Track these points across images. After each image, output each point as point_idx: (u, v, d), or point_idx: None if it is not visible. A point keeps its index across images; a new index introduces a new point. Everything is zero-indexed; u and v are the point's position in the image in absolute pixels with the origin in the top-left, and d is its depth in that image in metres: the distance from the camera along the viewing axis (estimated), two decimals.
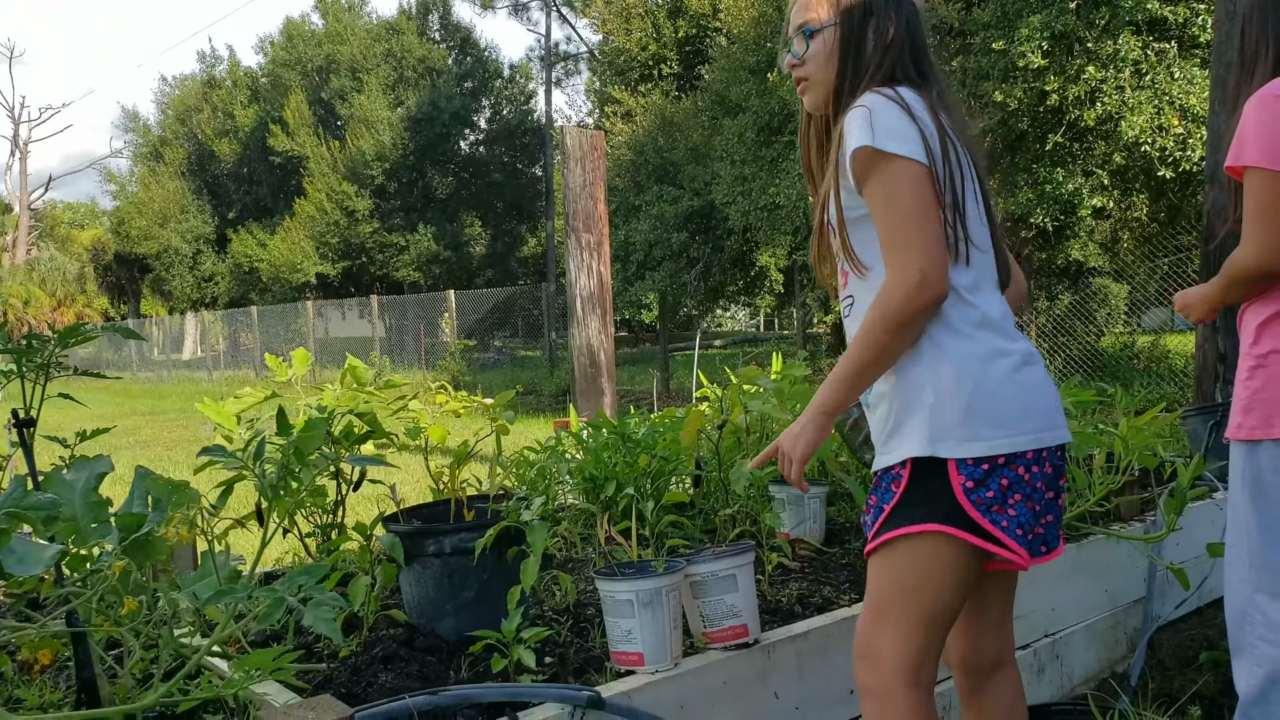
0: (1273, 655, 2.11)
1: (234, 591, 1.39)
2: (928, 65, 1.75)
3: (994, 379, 1.62)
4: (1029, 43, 8.97)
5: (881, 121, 1.59)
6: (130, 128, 39.00)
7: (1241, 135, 2.04)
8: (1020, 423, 1.61)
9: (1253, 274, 2.06)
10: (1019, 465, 1.60)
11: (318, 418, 2.50)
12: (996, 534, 1.59)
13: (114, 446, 11.01)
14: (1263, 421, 2.09)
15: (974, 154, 1.74)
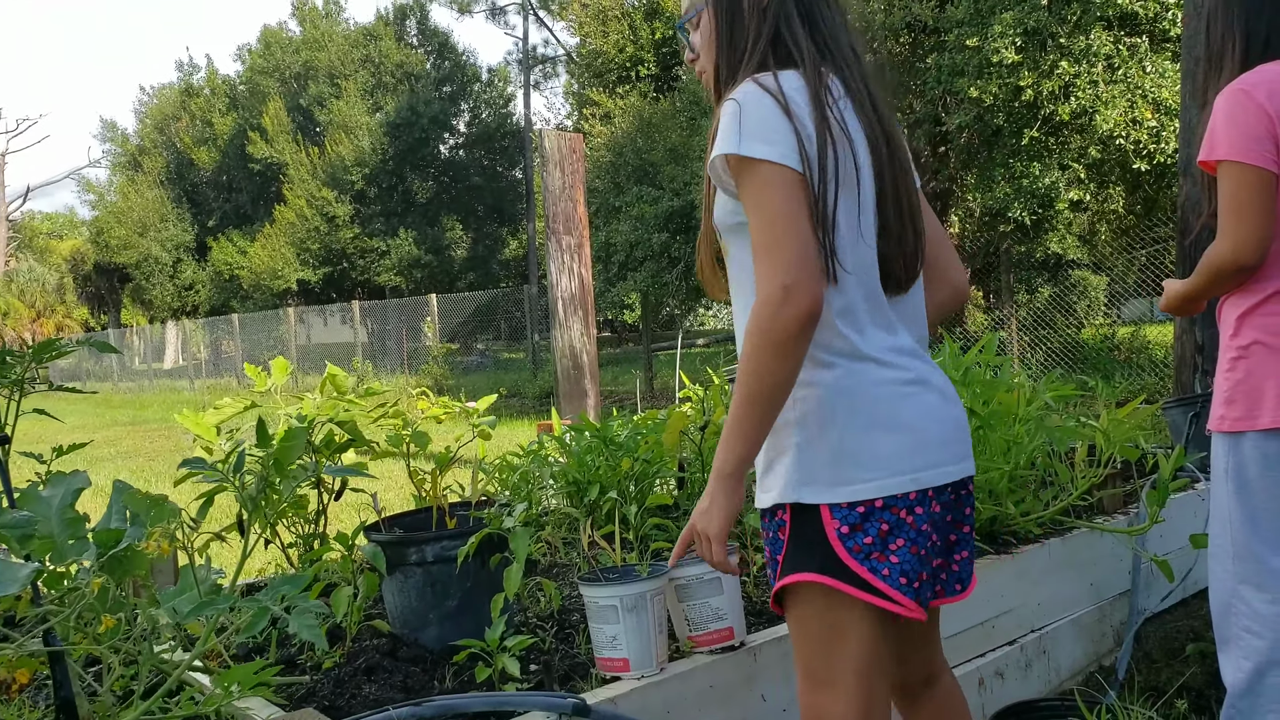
0: (1259, 646, 2.12)
1: (215, 604, 1.38)
2: (829, 41, 1.52)
3: (865, 414, 1.45)
4: (1002, 39, 9.01)
5: (751, 119, 1.42)
6: (109, 137, 38.78)
7: (1213, 130, 2.05)
8: (897, 461, 1.44)
9: (1229, 268, 2.06)
10: (899, 508, 1.44)
11: (298, 427, 2.49)
12: (876, 584, 1.43)
13: (95, 458, 10.93)
14: (1245, 413, 2.09)
15: (887, 146, 1.51)
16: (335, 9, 34.97)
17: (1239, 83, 2.05)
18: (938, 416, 1.50)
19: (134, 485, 1.78)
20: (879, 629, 1.48)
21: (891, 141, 1.51)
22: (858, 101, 1.49)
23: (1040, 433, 3.04)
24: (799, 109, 1.43)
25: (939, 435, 1.49)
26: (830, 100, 1.45)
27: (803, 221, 1.39)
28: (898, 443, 1.45)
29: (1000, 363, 3.20)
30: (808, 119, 1.42)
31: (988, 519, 2.92)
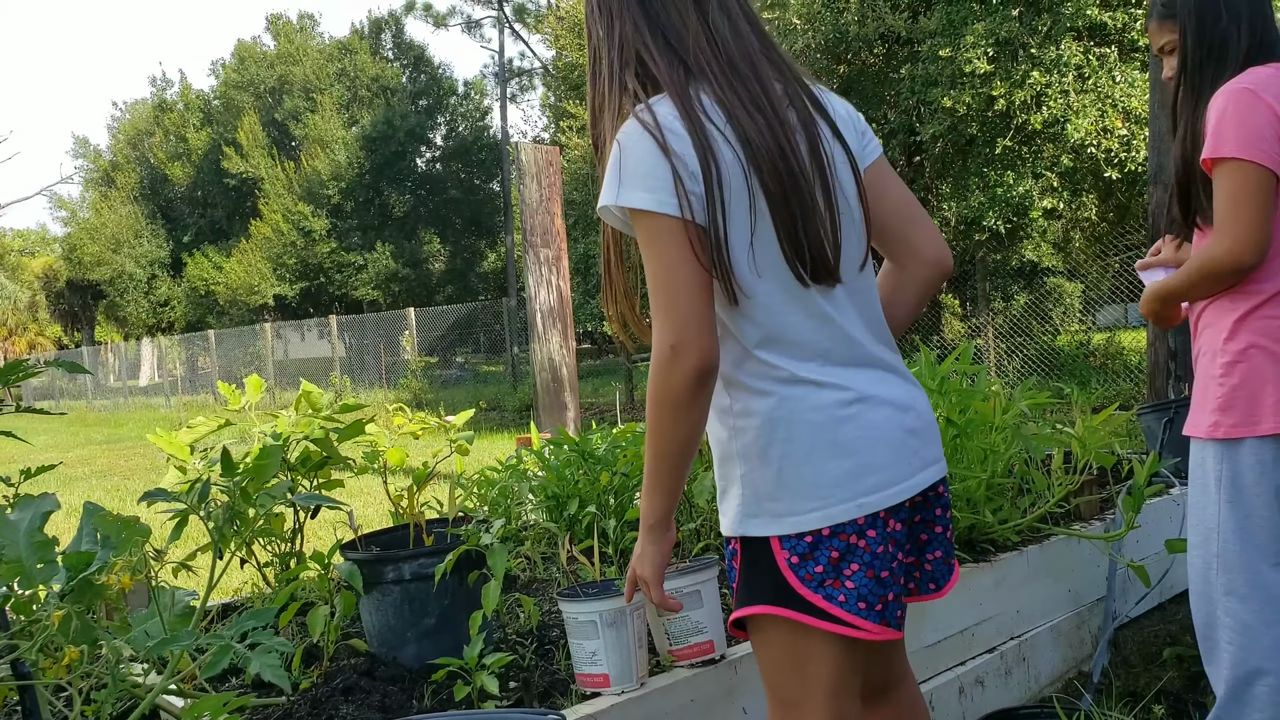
0: (1243, 657, 2.12)
1: (179, 639, 1.36)
2: (693, 50, 1.42)
3: (803, 442, 1.41)
4: (975, 49, 9.09)
5: (629, 163, 1.37)
6: (81, 153, 38.51)
7: (1220, 126, 2.00)
8: (840, 489, 1.40)
9: (1226, 268, 2.01)
10: (848, 534, 1.40)
11: (273, 446, 2.47)
12: (833, 611, 1.39)
13: (70, 478, 10.81)
14: (1244, 419, 2.05)
15: (777, 144, 1.40)
16: (310, 23, 34.91)
17: (1245, 82, 2.02)
18: (884, 435, 1.44)
19: (109, 505, 1.77)
20: (845, 650, 1.45)
21: (781, 141, 1.40)
22: (733, 113, 1.39)
23: (1017, 441, 3.06)
24: (677, 141, 1.37)
25: (887, 455, 1.43)
26: (706, 120, 1.38)
27: (688, 274, 1.35)
28: (840, 469, 1.40)
29: (976, 371, 3.22)
30: (689, 150, 1.36)
31: (966, 527, 2.93)
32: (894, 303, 1.62)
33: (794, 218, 1.40)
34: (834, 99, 1.55)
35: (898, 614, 1.45)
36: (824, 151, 1.43)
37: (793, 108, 1.44)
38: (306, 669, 2.36)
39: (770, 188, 1.38)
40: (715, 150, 1.36)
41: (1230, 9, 2.13)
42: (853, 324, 1.48)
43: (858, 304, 1.50)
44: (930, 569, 1.57)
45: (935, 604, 2.61)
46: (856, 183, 1.48)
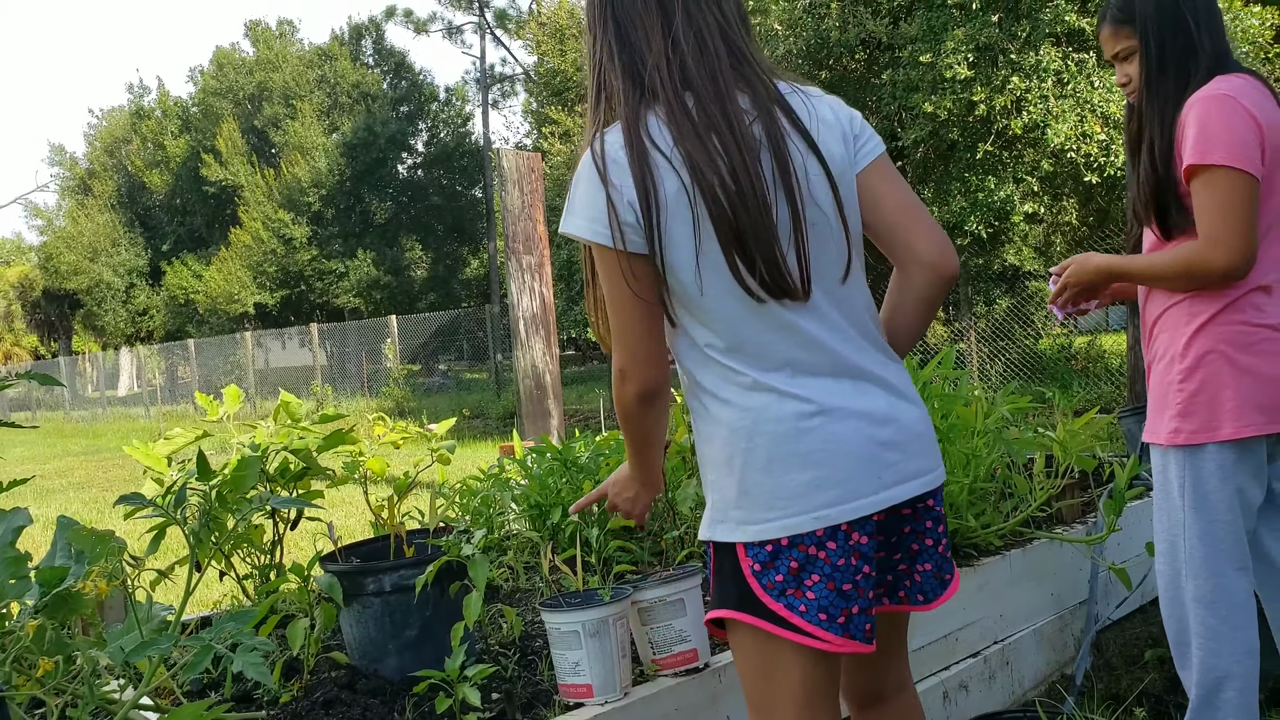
0: (1212, 663, 2.13)
1: (157, 643, 1.34)
2: (651, 73, 1.44)
3: (762, 453, 1.42)
4: (955, 55, 9.14)
5: (575, 193, 1.45)
6: (57, 161, 38.22)
7: (1205, 133, 1.99)
8: (798, 500, 1.41)
9: (1215, 274, 2.01)
10: (807, 545, 1.41)
11: (251, 457, 2.44)
12: (794, 620, 1.40)
13: (47, 490, 10.70)
14: (1204, 425, 2.07)
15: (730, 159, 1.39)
16: (289, 29, 34.78)
17: (1222, 89, 2.02)
18: (849, 448, 1.43)
19: (87, 517, 1.74)
20: (814, 660, 1.44)
21: (737, 163, 1.39)
22: (681, 136, 1.40)
23: (999, 445, 3.06)
24: (617, 172, 1.41)
25: (850, 469, 1.42)
26: (654, 152, 1.40)
27: (628, 303, 1.42)
28: (799, 481, 1.41)
29: (958, 375, 3.22)
30: (627, 180, 1.40)
31: (949, 532, 2.93)
32: (895, 310, 1.60)
33: (741, 238, 1.39)
34: (823, 105, 1.52)
35: (865, 627, 1.44)
36: (792, 166, 1.42)
37: (759, 123, 1.42)
38: (287, 682, 2.33)
39: (714, 210, 1.38)
40: (655, 177, 1.38)
41: (1194, 15, 2.14)
42: (829, 334, 1.46)
43: (839, 314, 1.48)
44: (920, 580, 1.56)
45: None
46: (834, 193, 1.45)
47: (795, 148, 1.44)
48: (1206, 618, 2.13)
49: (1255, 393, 2.05)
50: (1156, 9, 2.15)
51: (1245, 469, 2.09)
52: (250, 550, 2.68)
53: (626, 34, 1.46)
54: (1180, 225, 2.10)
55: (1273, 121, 2.03)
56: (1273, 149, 2.02)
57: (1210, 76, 2.08)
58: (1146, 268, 2.16)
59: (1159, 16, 2.15)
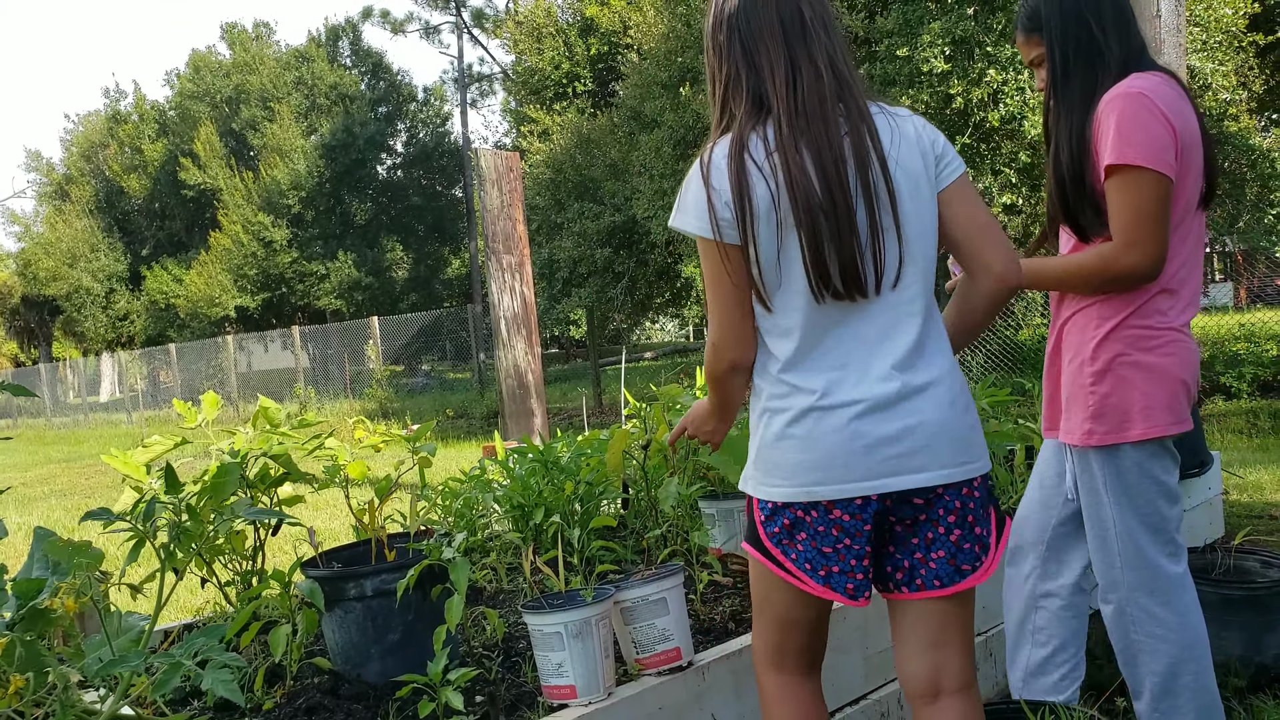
0: (1165, 650, 2.17)
1: (126, 660, 1.33)
2: (771, 95, 1.67)
3: (773, 433, 1.71)
4: (931, 48, 9.16)
5: (684, 194, 1.69)
6: (33, 167, 37.86)
7: (1120, 133, 2.00)
8: (790, 476, 1.68)
9: (1132, 277, 2.06)
10: (797, 510, 1.69)
11: (230, 463, 2.43)
12: (784, 562, 1.71)
13: (29, 498, 10.62)
14: (1115, 426, 2.13)
15: (821, 173, 1.61)
16: (265, 31, 34.55)
17: (1135, 88, 2.03)
18: (841, 439, 1.64)
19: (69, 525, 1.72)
20: (798, 597, 1.74)
21: (829, 173, 1.61)
22: (784, 150, 1.62)
23: None
24: (718, 177, 1.65)
25: (841, 457, 1.65)
26: (750, 164, 1.63)
27: (722, 288, 1.68)
28: (795, 460, 1.67)
29: None
30: (725, 184, 1.64)
31: None
32: (965, 311, 1.83)
33: (820, 239, 1.61)
34: (908, 124, 1.72)
35: (847, 586, 1.69)
36: (871, 178, 1.64)
37: (849, 139, 1.64)
38: (270, 689, 2.32)
39: (798, 215, 1.61)
40: (749, 183, 1.62)
41: (1095, 16, 2.15)
42: (869, 335, 1.68)
43: (885, 316, 1.68)
44: (935, 567, 1.70)
45: None
46: (893, 205, 1.65)
47: (875, 164, 1.65)
48: (1149, 606, 2.18)
49: (1162, 394, 2.10)
50: (1060, 16, 2.18)
51: (1161, 463, 2.16)
52: (232, 556, 2.67)
53: (752, 58, 1.68)
54: (1095, 227, 2.13)
55: (1185, 121, 2.05)
56: (1184, 149, 2.04)
57: (1122, 77, 2.09)
58: (1062, 271, 2.19)
59: (1062, 23, 2.18)
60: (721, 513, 3.03)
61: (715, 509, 3.02)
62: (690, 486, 2.91)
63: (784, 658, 1.82)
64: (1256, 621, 2.79)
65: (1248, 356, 9.21)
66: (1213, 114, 9.02)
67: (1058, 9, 2.19)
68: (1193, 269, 2.15)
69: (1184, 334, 2.13)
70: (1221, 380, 9.17)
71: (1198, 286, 2.17)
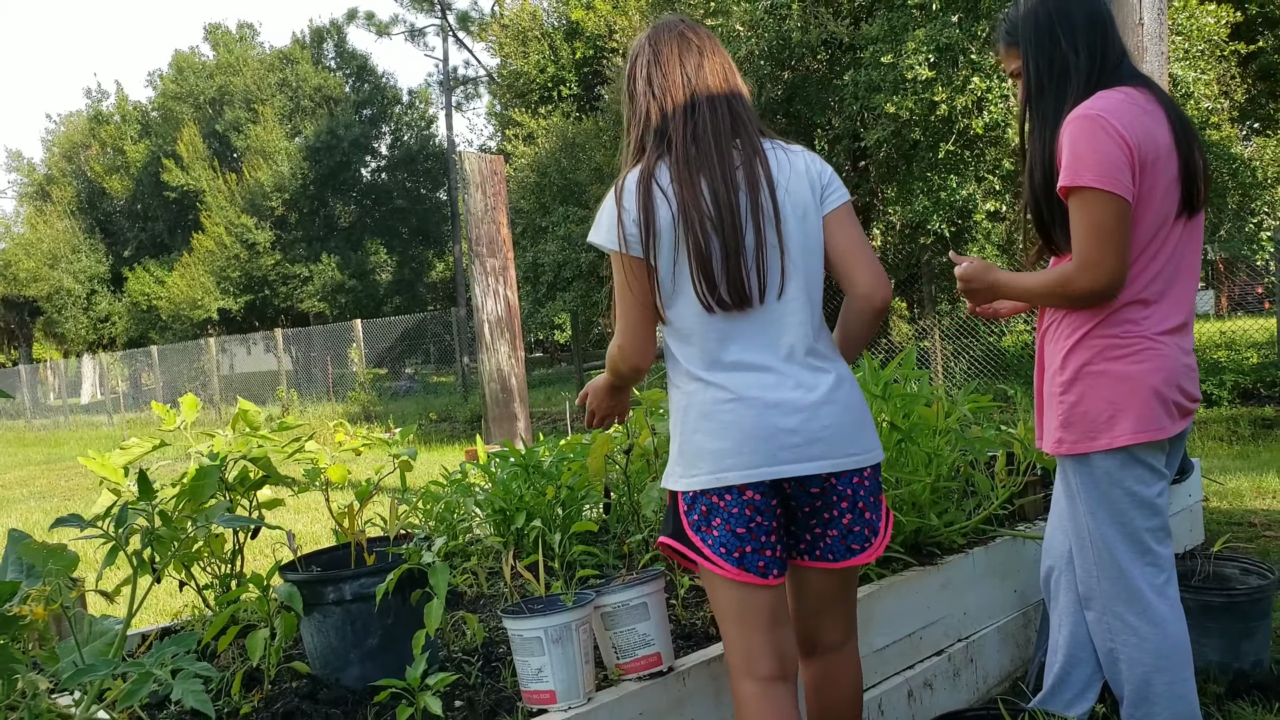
0: (1139, 657, 2.18)
1: (94, 669, 1.31)
2: (671, 133, 1.92)
3: (691, 425, 1.90)
4: (916, 55, 9.21)
5: (600, 215, 1.94)
6: (14, 167, 37.59)
7: (1075, 155, 2.02)
8: (706, 463, 1.87)
9: (1088, 296, 2.07)
10: (712, 495, 1.86)
11: (209, 466, 2.41)
12: (702, 548, 1.88)
13: (7, 499, 10.53)
14: (1083, 435, 2.14)
15: (714, 201, 1.84)
16: (249, 32, 34.42)
17: (1092, 109, 2.04)
18: (753, 430, 1.85)
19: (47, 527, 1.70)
20: (732, 587, 1.88)
21: (720, 198, 1.85)
22: (680, 180, 1.86)
23: (960, 444, 3.09)
24: (629, 199, 1.89)
25: (749, 445, 1.85)
26: (656, 189, 1.87)
27: (626, 296, 1.91)
28: (709, 448, 1.87)
29: (920, 376, 3.24)
30: (633, 205, 1.88)
31: (911, 531, 2.95)
32: (844, 325, 2.05)
33: (708, 262, 1.84)
34: (798, 158, 1.96)
35: (758, 564, 1.87)
36: (761, 204, 1.88)
37: (742, 170, 1.89)
38: (247, 693, 2.30)
39: (691, 235, 1.84)
40: (653, 206, 1.86)
41: (1067, 33, 2.15)
42: (760, 339, 1.89)
43: (776, 323, 1.90)
44: (829, 544, 1.95)
45: (883, 608, 2.62)
46: (779, 227, 1.89)
47: (765, 191, 1.89)
48: (1124, 615, 2.19)
49: (1132, 403, 2.10)
50: (1034, 29, 2.19)
51: (1133, 472, 2.14)
52: (211, 559, 2.64)
53: (662, 104, 1.94)
54: (1065, 244, 2.14)
55: (1145, 138, 2.03)
56: (1147, 166, 2.04)
57: (1090, 93, 2.10)
58: (1034, 286, 2.20)
59: (1036, 37, 2.19)
60: None
61: None
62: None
63: (752, 662, 1.90)
64: (1235, 628, 2.81)
65: (1228, 364, 9.28)
66: (1195, 123, 9.09)
67: (1032, 23, 2.19)
68: (1174, 279, 2.13)
69: (1160, 342, 2.10)
70: (1202, 388, 9.24)
71: (1183, 295, 2.15)
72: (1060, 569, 2.45)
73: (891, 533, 2.03)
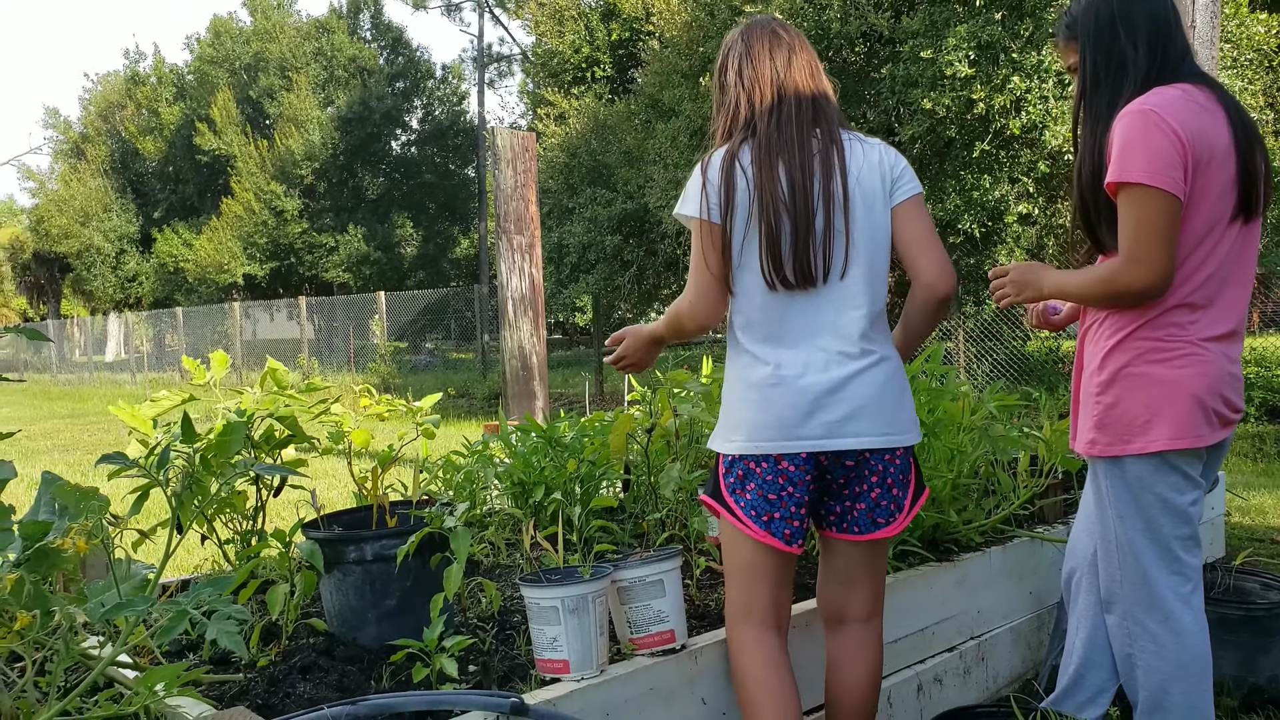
0: (1159, 665, 2.17)
1: (133, 604, 1.33)
2: (757, 121, 2.08)
3: (736, 395, 2.07)
4: (956, 52, 9.12)
5: (687, 188, 2.10)
6: (51, 124, 37.86)
7: (1126, 150, 1.99)
8: (745, 431, 2.02)
9: (1134, 294, 2.04)
10: (748, 461, 2.03)
11: (236, 422, 2.44)
12: (734, 508, 2.04)
13: (32, 450, 10.65)
14: (1117, 438, 2.12)
15: (790, 188, 1.99)
16: (287, 1, 34.49)
17: (1149, 103, 2.01)
18: (790, 402, 1.99)
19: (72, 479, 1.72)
20: (753, 546, 2.05)
21: (796, 183, 2.00)
22: (760, 162, 2.02)
23: (984, 442, 3.07)
24: (714, 173, 2.04)
25: (787, 418, 1.98)
26: (738, 167, 2.02)
27: (703, 263, 2.05)
28: (750, 418, 2.02)
29: (946, 372, 3.23)
30: (716, 179, 2.03)
31: (930, 526, 2.95)
32: (906, 317, 2.19)
33: (778, 238, 1.98)
34: (873, 150, 2.10)
35: (785, 532, 2.02)
36: (833, 193, 2.01)
37: (819, 157, 2.03)
38: (265, 647, 2.33)
39: (764, 215, 1.99)
40: (734, 181, 2.02)
41: (1127, 28, 2.12)
42: (818, 319, 2.03)
43: (833, 305, 2.03)
44: (856, 516, 2.09)
45: (898, 601, 2.63)
46: (846, 212, 2.02)
47: (837, 179, 2.02)
48: (1146, 622, 2.17)
49: (1170, 408, 2.07)
50: (1094, 24, 2.16)
51: (1167, 479, 2.12)
52: (233, 515, 2.67)
53: (750, 94, 2.09)
54: (1111, 241, 2.11)
55: (1200, 136, 2.00)
56: (1201, 164, 2.01)
57: (1146, 89, 2.07)
58: (1079, 284, 2.17)
59: (1095, 31, 2.16)
60: None
61: None
62: (692, 473, 2.91)
63: (751, 611, 2.07)
64: (1253, 642, 2.79)
65: (1257, 381, 9.18)
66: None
67: (1093, 17, 2.17)
68: (1224, 285, 2.09)
69: (1205, 348, 2.07)
70: None
71: (1234, 302, 2.11)
72: (1082, 571, 2.44)
73: (918, 510, 2.14)
